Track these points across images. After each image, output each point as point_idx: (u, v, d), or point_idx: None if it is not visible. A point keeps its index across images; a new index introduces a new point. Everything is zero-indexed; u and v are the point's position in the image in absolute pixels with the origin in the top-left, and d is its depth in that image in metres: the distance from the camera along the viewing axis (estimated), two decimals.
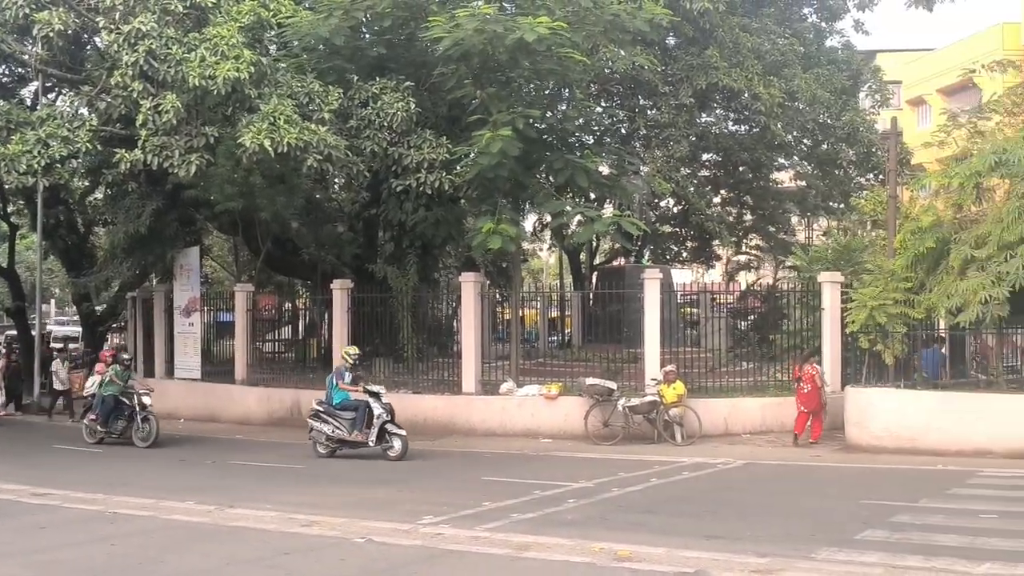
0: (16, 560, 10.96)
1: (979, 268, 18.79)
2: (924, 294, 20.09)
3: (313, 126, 20.13)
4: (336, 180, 27.96)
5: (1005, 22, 44.64)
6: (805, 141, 33.30)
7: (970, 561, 10.15)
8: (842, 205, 35.98)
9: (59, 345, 36.70)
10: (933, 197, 21.75)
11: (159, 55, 19.16)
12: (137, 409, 21.45)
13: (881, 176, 32.54)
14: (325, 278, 26.96)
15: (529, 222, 35.88)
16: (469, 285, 23.35)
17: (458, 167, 22.22)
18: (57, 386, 28.23)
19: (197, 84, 18.82)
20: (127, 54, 19.01)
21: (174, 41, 19.30)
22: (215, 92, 19.10)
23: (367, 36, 24.17)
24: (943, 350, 20.94)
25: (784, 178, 37.11)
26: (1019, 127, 20.82)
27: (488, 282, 27.03)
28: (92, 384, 23.07)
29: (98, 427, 21.91)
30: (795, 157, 34.61)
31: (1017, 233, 18.37)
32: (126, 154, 19.86)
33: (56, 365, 28.48)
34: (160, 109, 19.08)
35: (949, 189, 20.34)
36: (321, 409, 19.60)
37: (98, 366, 23.84)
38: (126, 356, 24.19)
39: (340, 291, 25.00)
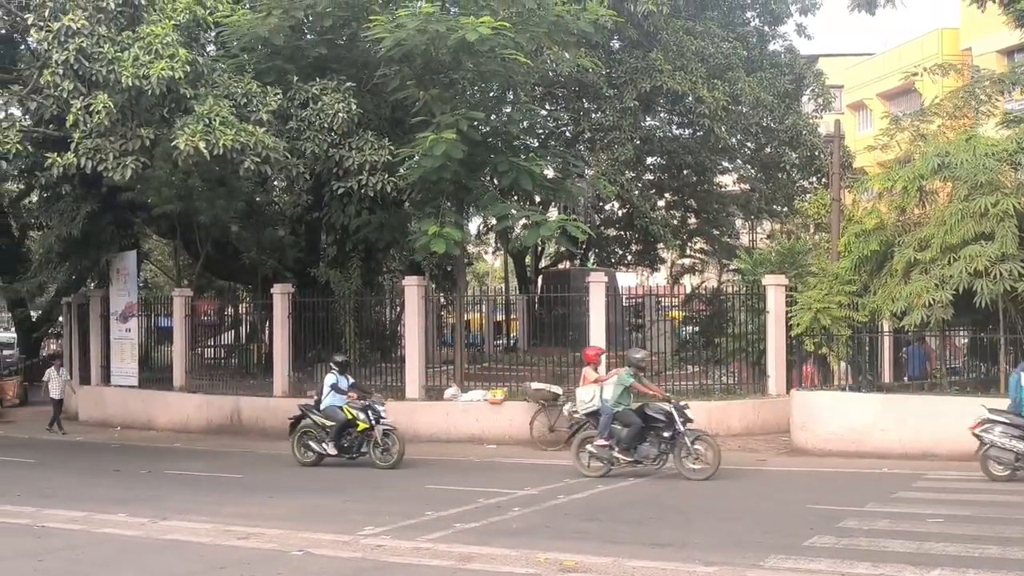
0: None
1: (923, 271, 18.78)
2: (868, 297, 20.11)
3: (250, 127, 19.64)
4: (276, 183, 27.49)
5: (944, 27, 45.30)
6: (749, 144, 33.35)
7: (918, 567, 10.01)
8: (786, 208, 36.18)
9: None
10: (876, 200, 21.75)
11: (91, 54, 18.54)
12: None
13: (824, 179, 32.73)
14: (266, 282, 26.48)
15: (474, 225, 35.62)
16: (413, 289, 23.02)
17: (401, 169, 21.84)
18: (54, 395, 26.12)
19: (131, 84, 18.24)
20: (57, 52, 18.38)
21: (106, 39, 18.68)
22: (149, 92, 18.53)
23: (308, 36, 23.69)
24: (927, 346, 21.11)
25: (728, 181, 37.23)
26: (961, 130, 20.87)
27: (433, 286, 26.75)
28: (592, 397, 17.29)
29: (620, 455, 16.64)
30: (739, 160, 34.71)
31: (959, 236, 18.39)
32: (58, 157, 19.26)
33: (50, 374, 26.64)
34: (92, 109, 18.45)
35: (892, 192, 20.34)
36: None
37: (586, 370, 18.99)
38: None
39: (281, 295, 24.55)
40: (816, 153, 32.32)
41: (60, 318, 33.26)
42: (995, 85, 22.55)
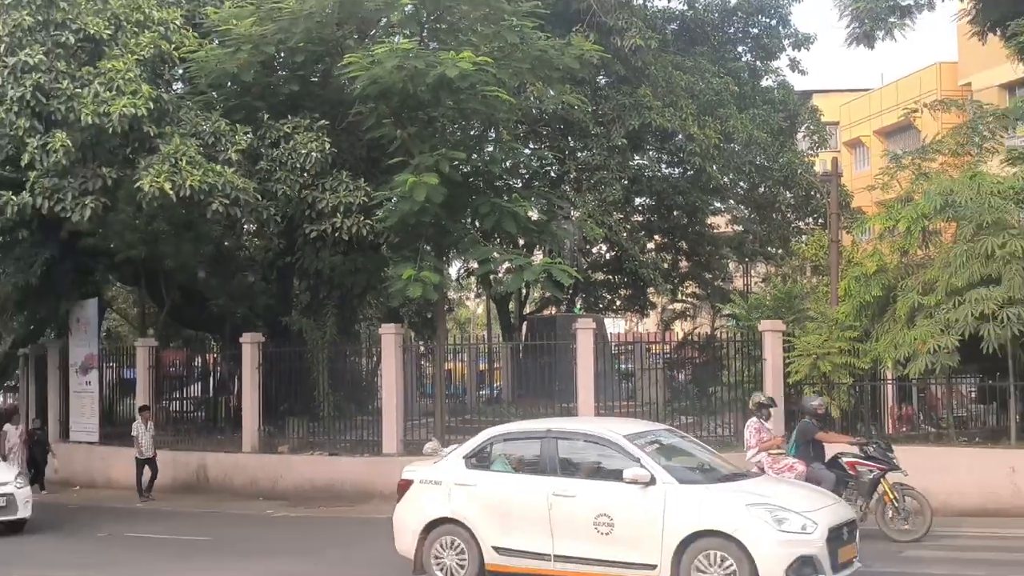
0: None
1: (927, 315, 18.67)
2: (870, 342, 20.01)
3: (219, 168, 19.44)
4: (246, 226, 27.15)
5: (942, 62, 45.58)
6: (742, 184, 33.28)
7: None
8: (781, 250, 36.09)
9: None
10: (877, 241, 21.65)
11: (49, 90, 18.38)
12: None
13: (821, 220, 32.70)
14: (236, 331, 26.05)
15: (454, 269, 35.37)
16: (390, 337, 22.69)
17: (379, 212, 21.58)
18: (139, 454, 23.36)
19: (91, 122, 18.06)
20: (13, 88, 18.21)
21: (65, 75, 18.52)
22: (111, 130, 18.36)
23: (280, 72, 23.55)
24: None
25: (720, 222, 37.16)
26: (964, 168, 20.85)
27: (412, 333, 26.44)
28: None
29: None
30: (731, 200, 34.67)
31: (965, 278, 18.28)
32: (12, 197, 18.97)
33: (137, 428, 23.55)
34: (49, 148, 18.23)
35: (894, 233, 20.30)
36: None
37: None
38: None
39: (250, 345, 24.16)
40: (812, 192, 32.30)
41: (16, 371, 32.70)
42: (998, 121, 22.56)
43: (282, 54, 22.39)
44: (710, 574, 10.56)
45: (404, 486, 12.63)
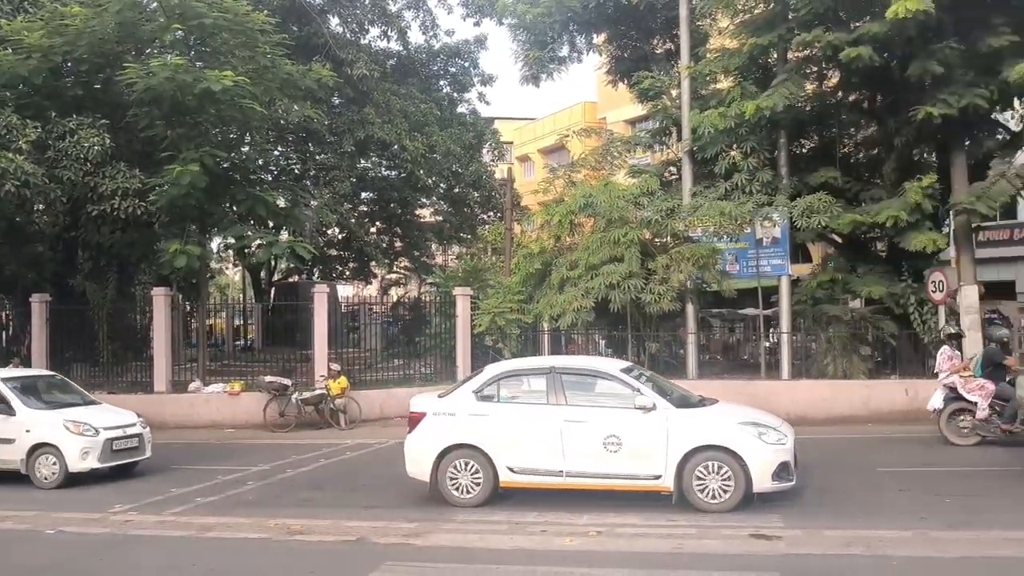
0: None
1: (572, 285, 19.45)
2: (533, 304, 20.66)
3: (11, 155, 17.62)
4: (37, 205, 24.68)
5: (586, 101, 47.51)
6: (442, 185, 33.51)
7: (572, 513, 10.19)
8: (470, 235, 36.67)
9: None
10: (539, 230, 22.37)
11: None
12: None
13: (499, 214, 33.47)
14: (27, 293, 23.71)
15: (215, 244, 33.70)
16: (160, 298, 21.39)
17: (152, 195, 20.24)
18: None
19: None
20: None
21: None
22: None
23: (67, 78, 21.57)
24: None
25: (426, 213, 37.26)
26: (600, 179, 21.83)
27: (180, 296, 25.04)
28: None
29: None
30: (434, 197, 34.83)
31: (599, 258, 19.19)
32: None
33: None
34: None
35: (551, 224, 20.95)
36: None
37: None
38: None
39: (38, 304, 22.10)
40: (493, 194, 33.01)
41: None
42: (624, 145, 23.86)
43: (69, 63, 20.58)
44: (709, 480, 10.20)
45: (417, 417, 11.29)
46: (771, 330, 20.95)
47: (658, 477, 10.32)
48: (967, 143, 20.25)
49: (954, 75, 17.88)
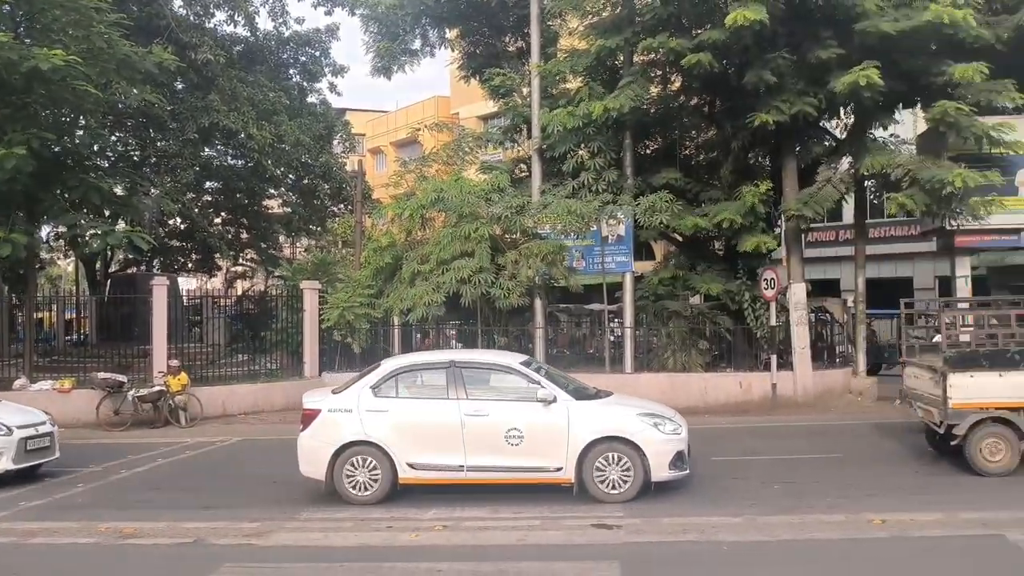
0: None
1: (424, 279, 19.44)
2: (383, 298, 20.50)
3: None
4: None
5: (439, 96, 47.47)
6: (291, 176, 32.64)
7: (418, 508, 10.19)
8: (320, 228, 35.98)
9: None
10: (390, 224, 22.21)
11: None
12: None
13: (350, 207, 32.97)
14: None
15: (45, 232, 31.72)
16: None
17: None
18: None
19: None
20: None
21: None
22: None
23: None
24: None
25: (274, 205, 36.28)
26: (452, 173, 21.88)
27: (5, 287, 23.45)
28: None
29: None
30: (283, 188, 33.91)
31: (450, 252, 19.26)
32: None
33: None
34: None
35: (402, 218, 20.86)
36: None
37: None
38: None
39: None
40: (344, 186, 32.42)
41: None
42: (475, 141, 23.97)
43: None
44: (609, 471, 10.29)
45: (311, 415, 10.82)
46: (615, 325, 21.56)
47: (559, 469, 10.43)
48: (798, 148, 21.48)
49: (786, 84, 18.88)
